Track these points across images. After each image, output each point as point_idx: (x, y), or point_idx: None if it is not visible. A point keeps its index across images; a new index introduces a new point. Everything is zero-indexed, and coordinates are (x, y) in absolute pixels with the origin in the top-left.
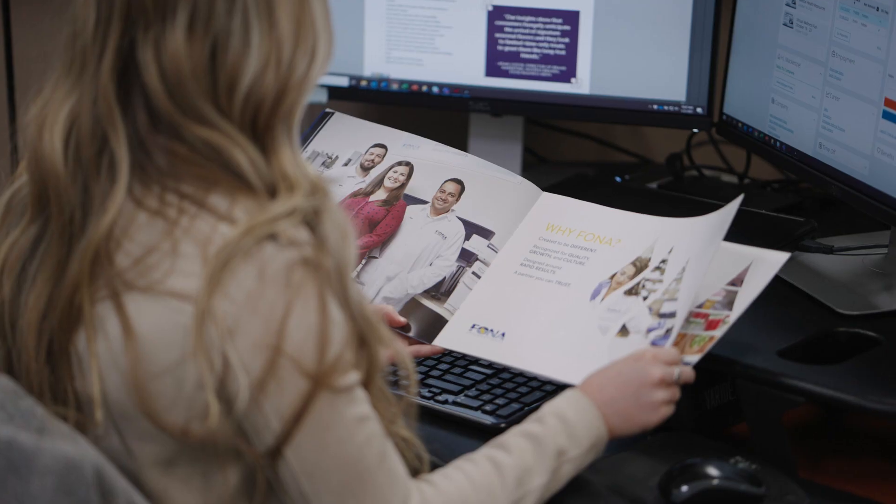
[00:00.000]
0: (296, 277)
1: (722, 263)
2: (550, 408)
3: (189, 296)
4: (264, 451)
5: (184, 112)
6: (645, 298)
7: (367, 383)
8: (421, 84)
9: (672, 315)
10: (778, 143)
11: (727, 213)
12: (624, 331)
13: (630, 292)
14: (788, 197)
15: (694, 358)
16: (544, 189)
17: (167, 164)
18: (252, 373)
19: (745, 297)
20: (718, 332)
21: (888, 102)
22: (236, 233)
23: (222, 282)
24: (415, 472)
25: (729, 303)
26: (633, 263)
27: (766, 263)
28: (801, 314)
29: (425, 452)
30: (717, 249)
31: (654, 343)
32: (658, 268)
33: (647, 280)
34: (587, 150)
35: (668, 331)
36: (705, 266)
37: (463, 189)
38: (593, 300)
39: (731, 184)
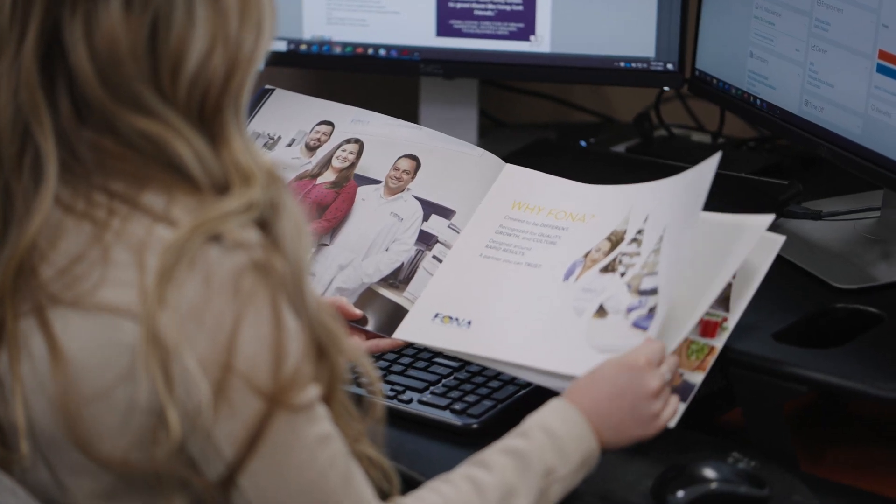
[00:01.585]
0: (245, 284)
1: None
2: (536, 420)
3: (124, 309)
4: (215, 481)
5: (118, 99)
6: (622, 275)
7: (327, 398)
8: (366, 47)
9: (653, 292)
10: (758, 101)
11: (704, 171)
12: (601, 311)
13: (606, 269)
14: (767, 157)
15: (696, 377)
16: (505, 158)
17: (95, 160)
18: (200, 394)
19: (742, 292)
20: (718, 343)
21: (883, 55)
22: (179, 234)
23: (163, 292)
24: (383, 495)
25: (724, 299)
26: (608, 238)
27: (756, 245)
28: (793, 290)
29: (394, 472)
30: (698, 216)
31: (636, 324)
32: (634, 240)
33: (624, 254)
34: (545, 111)
35: (652, 309)
36: (688, 235)
37: (419, 165)
38: (566, 280)
39: (703, 144)
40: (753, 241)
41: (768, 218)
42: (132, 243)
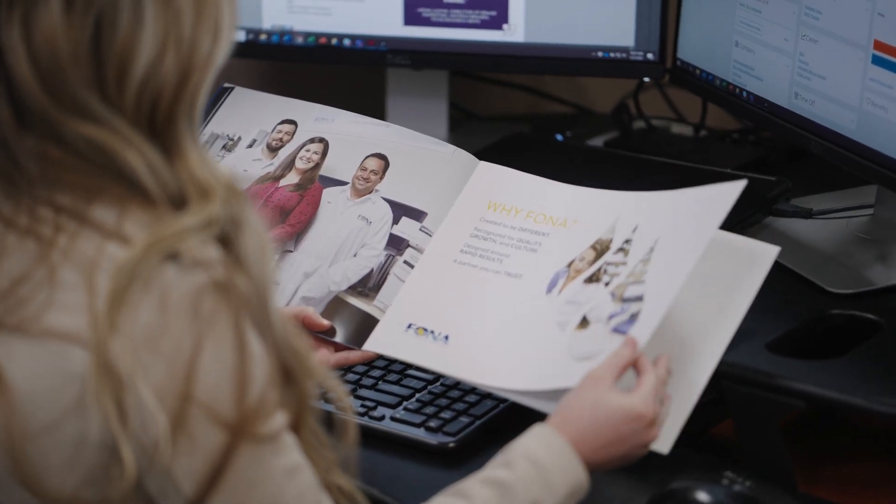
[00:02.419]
0: (205, 306)
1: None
2: (520, 449)
3: (73, 335)
4: None
5: (61, 105)
6: (607, 284)
7: (295, 426)
8: (329, 36)
9: (638, 299)
10: (744, 93)
11: (724, 194)
12: (584, 322)
13: (591, 280)
14: (752, 150)
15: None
16: (478, 154)
17: (39, 171)
18: (157, 427)
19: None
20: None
21: (879, 45)
22: (132, 253)
23: (115, 316)
24: None
25: None
26: (593, 247)
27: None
28: (786, 295)
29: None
30: (708, 237)
31: (616, 329)
32: (621, 249)
33: (609, 264)
34: (518, 101)
35: (634, 315)
36: (692, 252)
37: (387, 165)
38: (550, 293)
39: (685, 136)
40: (764, 274)
41: (775, 249)
42: (81, 262)
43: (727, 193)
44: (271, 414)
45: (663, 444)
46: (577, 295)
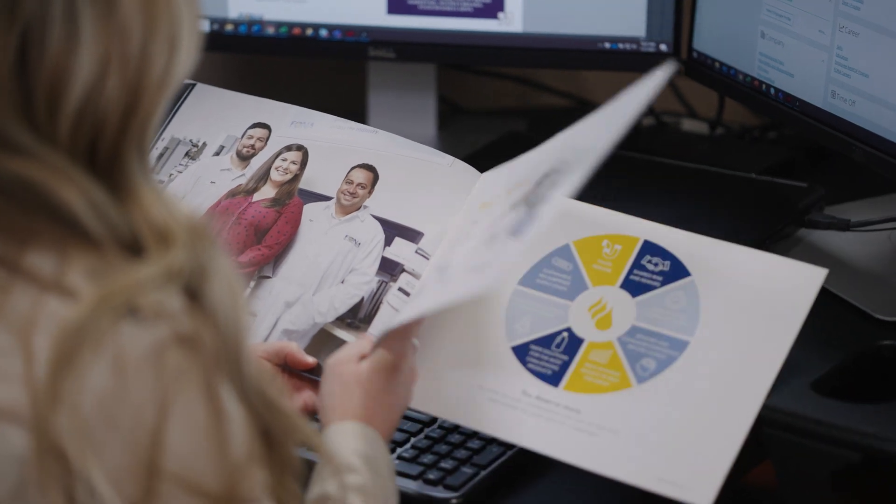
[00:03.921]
0: (170, 363)
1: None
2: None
3: (7, 411)
4: None
5: None
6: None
7: (277, 493)
8: (304, 27)
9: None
10: (772, 90)
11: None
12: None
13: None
14: (775, 151)
15: None
16: (470, 153)
17: None
18: None
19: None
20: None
21: None
22: (80, 310)
23: (58, 386)
24: None
25: None
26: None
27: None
28: (827, 324)
29: None
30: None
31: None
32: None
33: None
34: (509, 93)
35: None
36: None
37: (376, 178)
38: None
39: (700, 135)
40: (811, 300)
41: (823, 272)
42: (14, 321)
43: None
44: (254, 481)
45: (704, 496)
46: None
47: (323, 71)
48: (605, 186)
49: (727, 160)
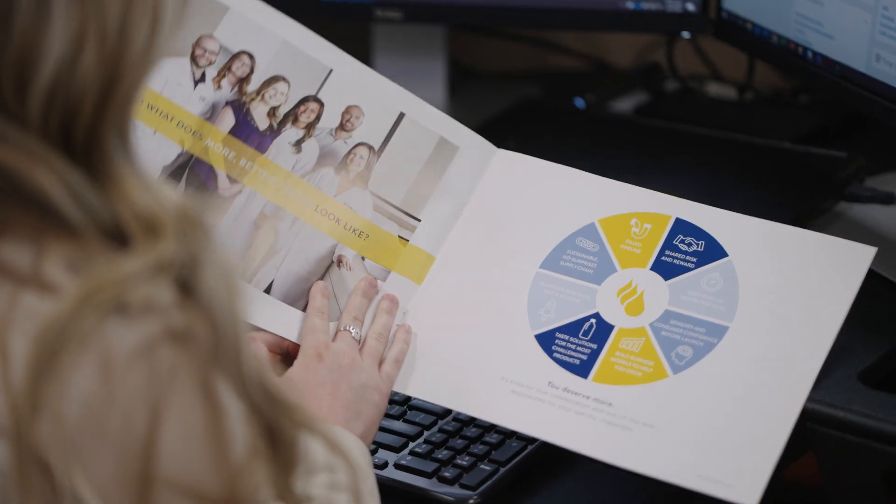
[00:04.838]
0: (162, 360)
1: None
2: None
3: None
4: None
5: None
6: None
7: (282, 492)
8: None
9: None
10: (809, 53)
11: None
12: None
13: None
14: (809, 118)
15: None
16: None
17: None
18: None
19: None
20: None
21: None
22: (62, 306)
23: (39, 391)
24: None
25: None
26: None
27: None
28: (871, 306)
29: None
30: None
31: None
32: None
33: None
34: (521, 54)
35: None
36: None
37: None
38: None
39: (727, 100)
40: (860, 281)
41: (872, 250)
42: None
43: None
44: (257, 481)
45: (750, 494)
46: None
47: (326, 34)
48: (625, 157)
49: (757, 127)
